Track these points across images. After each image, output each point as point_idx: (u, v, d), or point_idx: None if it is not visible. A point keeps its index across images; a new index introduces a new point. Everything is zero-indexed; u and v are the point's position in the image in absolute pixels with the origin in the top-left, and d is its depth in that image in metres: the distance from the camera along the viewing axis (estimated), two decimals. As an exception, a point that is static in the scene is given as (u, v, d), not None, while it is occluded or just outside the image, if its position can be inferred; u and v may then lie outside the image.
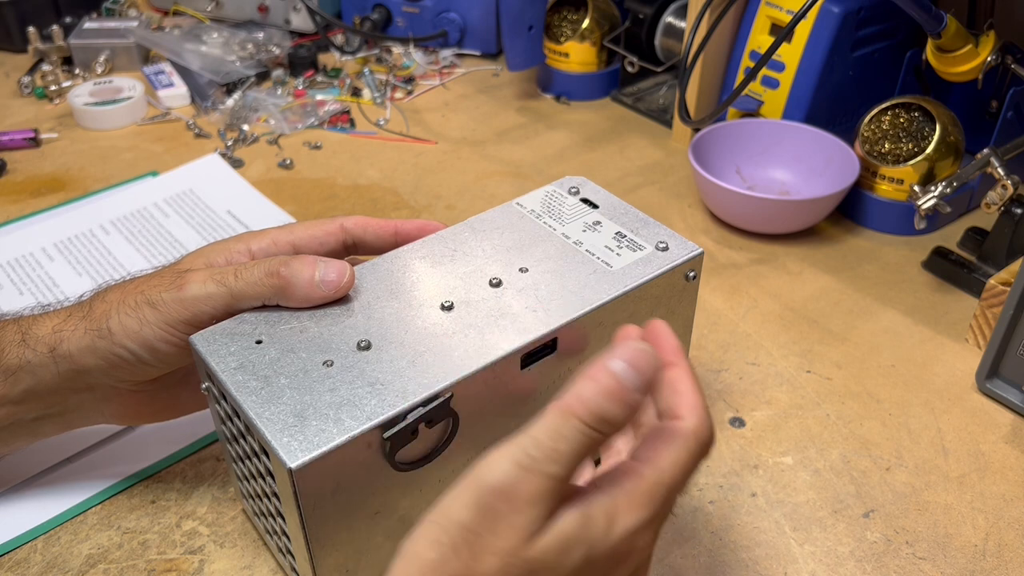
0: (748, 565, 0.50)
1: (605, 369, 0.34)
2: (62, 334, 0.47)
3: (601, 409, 0.34)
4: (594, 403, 0.34)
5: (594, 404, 0.34)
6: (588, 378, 0.34)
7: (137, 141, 0.91)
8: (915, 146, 0.75)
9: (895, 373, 0.63)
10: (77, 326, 0.47)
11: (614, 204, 0.54)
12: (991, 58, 0.71)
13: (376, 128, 0.94)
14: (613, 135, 0.93)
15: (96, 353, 0.46)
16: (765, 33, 0.81)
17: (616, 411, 0.34)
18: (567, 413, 0.34)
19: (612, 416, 0.34)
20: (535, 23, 0.93)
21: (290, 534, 0.43)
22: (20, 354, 0.47)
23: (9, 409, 0.48)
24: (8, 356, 0.47)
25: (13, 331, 0.48)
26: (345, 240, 0.51)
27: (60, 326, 0.47)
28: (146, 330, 0.46)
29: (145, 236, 0.76)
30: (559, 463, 0.33)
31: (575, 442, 0.34)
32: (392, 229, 0.52)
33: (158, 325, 0.45)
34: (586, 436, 0.34)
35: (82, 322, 0.47)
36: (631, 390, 0.34)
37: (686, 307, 0.53)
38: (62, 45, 1.02)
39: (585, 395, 0.34)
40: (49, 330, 0.47)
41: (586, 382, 0.34)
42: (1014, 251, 0.69)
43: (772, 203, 0.74)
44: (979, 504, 0.54)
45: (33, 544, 0.51)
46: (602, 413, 0.34)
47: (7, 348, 0.47)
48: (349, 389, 0.42)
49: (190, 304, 0.45)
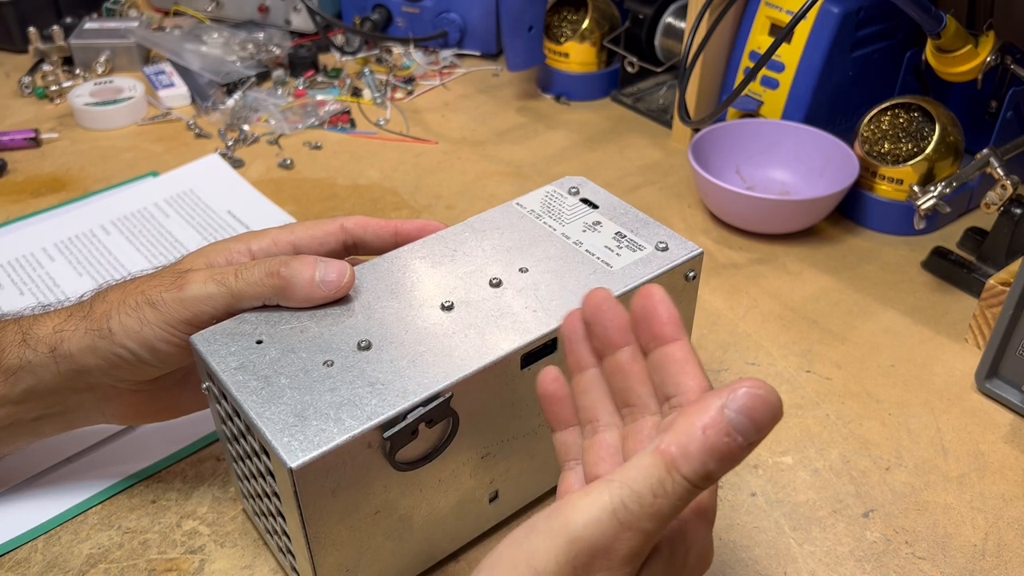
0: (748, 565, 0.50)
1: (718, 420, 0.30)
2: (63, 334, 0.47)
3: (707, 470, 0.30)
4: (700, 462, 0.30)
5: (700, 464, 0.30)
6: (697, 427, 0.30)
7: (137, 141, 0.91)
8: (915, 146, 0.75)
9: (895, 373, 0.63)
10: (78, 326, 0.47)
11: (614, 204, 0.54)
12: (990, 58, 0.71)
13: (376, 128, 0.94)
14: (613, 135, 0.93)
15: (96, 353, 0.46)
16: (765, 33, 0.81)
17: (724, 469, 0.31)
18: (671, 467, 0.31)
19: (719, 474, 0.31)
20: (535, 23, 0.93)
21: (290, 534, 0.43)
22: (21, 354, 0.47)
23: (9, 409, 0.48)
24: (8, 356, 0.47)
25: (14, 331, 0.48)
26: (345, 240, 0.51)
27: (61, 326, 0.47)
28: (147, 330, 0.46)
29: (145, 236, 0.76)
30: (657, 520, 0.31)
31: (676, 498, 0.31)
32: (392, 229, 0.52)
33: (159, 325, 0.46)
34: (689, 493, 0.31)
35: (83, 322, 0.47)
36: (744, 447, 0.30)
37: (686, 307, 0.53)
38: (63, 45, 1.02)
39: (692, 450, 0.30)
40: (50, 330, 0.47)
41: (695, 433, 0.30)
42: (1014, 251, 0.69)
43: (772, 203, 0.74)
44: (978, 504, 0.54)
45: (34, 544, 0.51)
46: (709, 473, 0.30)
47: (7, 348, 0.47)
48: (349, 389, 0.42)
49: (190, 304, 0.45)
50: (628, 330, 0.38)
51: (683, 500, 0.31)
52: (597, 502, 0.31)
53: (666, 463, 0.31)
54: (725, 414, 0.30)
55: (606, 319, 0.38)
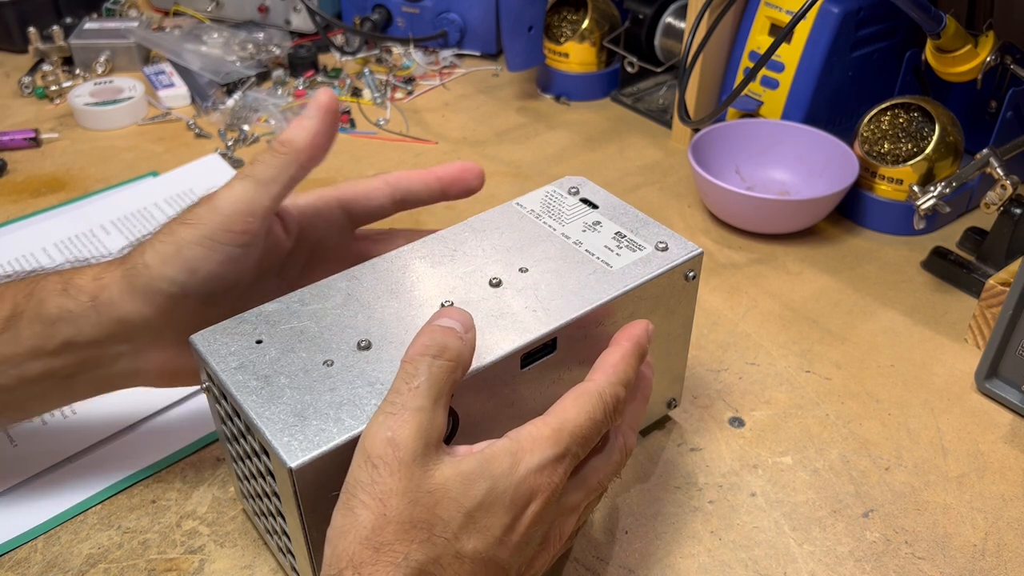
0: (748, 565, 0.50)
1: (433, 324, 0.40)
2: (102, 281, 0.46)
3: (436, 342, 0.39)
4: (429, 340, 0.39)
5: (429, 341, 0.39)
6: (419, 334, 0.40)
7: (137, 141, 0.91)
8: (914, 146, 0.75)
9: (894, 373, 0.63)
10: (114, 271, 0.47)
11: (614, 204, 0.54)
12: (990, 58, 0.71)
13: (376, 128, 0.94)
14: (613, 135, 0.93)
15: (136, 294, 0.46)
16: (765, 33, 0.81)
17: (452, 342, 0.39)
18: (411, 359, 0.39)
19: (450, 344, 0.39)
20: (535, 23, 0.93)
21: (290, 534, 0.43)
22: (61, 304, 0.46)
23: (45, 361, 0.47)
24: (48, 306, 0.46)
25: (55, 281, 0.47)
26: (392, 194, 0.53)
27: (100, 273, 0.47)
28: (185, 250, 0.45)
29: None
30: (420, 397, 0.38)
31: (426, 375, 0.38)
32: (434, 176, 0.54)
33: (196, 241, 0.45)
34: (434, 366, 0.38)
35: (119, 267, 0.47)
36: (456, 329, 0.40)
37: (686, 307, 0.53)
38: (63, 45, 1.02)
39: (418, 340, 0.39)
40: (90, 279, 0.47)
41: (418, 336, 0.40)
42: (1013, 251, 0.69)
43: (772, 203, 0.74)
44: (978, 504, 0.54)
45: (33, 544, 0.51)
46: (438, 344, 0.39)
47: (48, 298, 0.46)
48: (349, 389, 0.42)
49: (223, 206, 0.46)
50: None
51: (435, 376, 0.38)
52: (375, 415, 0.39)
53: (408, 360, 0.39)
54: (439, 320, 0.40)
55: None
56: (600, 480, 0.44)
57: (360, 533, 0.36)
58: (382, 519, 0.36)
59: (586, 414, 0.42)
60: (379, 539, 0.36)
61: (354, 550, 0.36)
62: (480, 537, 0.38)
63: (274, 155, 0.47)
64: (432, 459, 0.38)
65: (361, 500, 0.37)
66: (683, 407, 0.60)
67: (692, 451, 0.57)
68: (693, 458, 0.57)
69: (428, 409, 0.38)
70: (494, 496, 0.38)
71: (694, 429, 0.59)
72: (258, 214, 0.46)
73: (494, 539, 0.38)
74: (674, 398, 0.58)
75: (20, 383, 0.47)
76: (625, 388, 0.44)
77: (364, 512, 0.36)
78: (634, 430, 0.47)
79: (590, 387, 0.43)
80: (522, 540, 0.40)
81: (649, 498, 0.54)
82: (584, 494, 0.44)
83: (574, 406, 0.42)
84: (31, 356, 0.46)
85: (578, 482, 0.43)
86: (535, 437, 0.40)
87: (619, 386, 0.44)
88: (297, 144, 0.47)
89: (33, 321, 0.46)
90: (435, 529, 0.37)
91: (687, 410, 0.60)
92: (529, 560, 0.41)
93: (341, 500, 0.38)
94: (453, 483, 0.38)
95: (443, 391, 0.39)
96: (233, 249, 0.46)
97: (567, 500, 0.42)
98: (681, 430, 0.59)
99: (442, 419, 0.39)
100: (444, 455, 0.39)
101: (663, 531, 0.52)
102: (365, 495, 0.37)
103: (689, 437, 0.58)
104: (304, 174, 0.48)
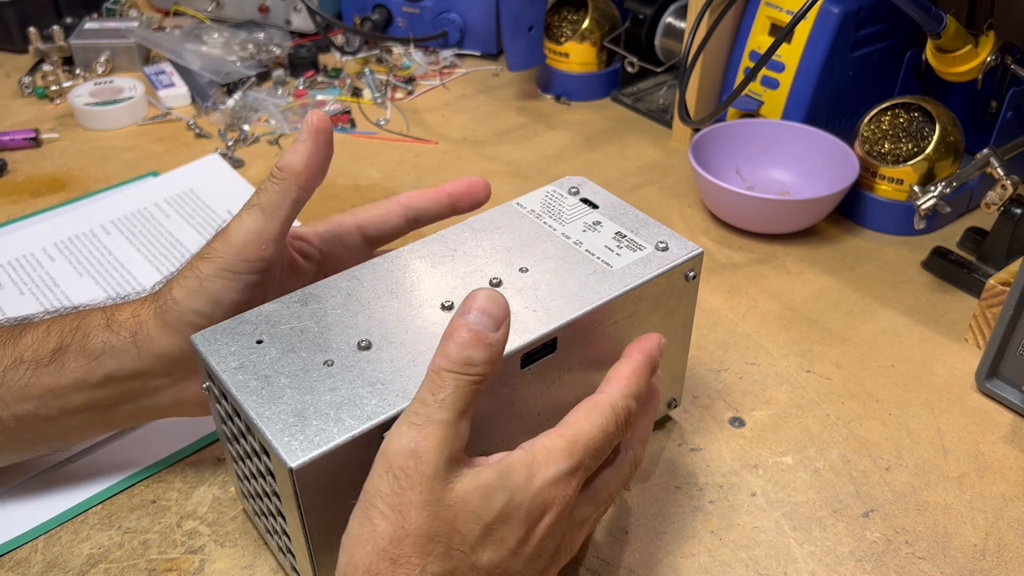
0: (748, 565, 0.50)
1: (463, 323, 0.38)
2: (139, 317, 0.48)
3: (464, 356, 0.38)
4: (456, 354, 0.38)
5: (456, 355, 0.38)
6: (448, 338, 0.38)
7: (138, 141, 0.91)
8: (915, 146, 0.75)
9: (895, 373, 0.63)
10: (149, 307, 0.48)
11: (614, 204, 0.54)
12: (991, 58, 0.71)
13: (376, 128, 0.94)
14: (613, 135, 0.93)
15: (170, 329, 0.47)
16: (765, 33, 0.81)
17: (479, 354, 0.38)
18: (439, 371, 0.38)
19: (478, 359, 0.38)
20: (535, 23, 0.93)
21: (291, 534, 0.43)
22: (105, 338, 0.48)
23: (88, 394, 0.49)
24: (93, 340, 0.48)
25: (99, 316, 0.49)
26: (406, 215, 0.54)
27: (137, 310, 0.49)
28: (208, 284, 0.47)
29: (146, 236, 0.76)
30: (446, 410, 0.38)
31: (453, 388, 0.38)
32: (444, 192, 0.55)
33: (215, 274, 0.47)
34: (462, 380, 0.38)
35: (152, 303, 0.48)
36: (487, 333, 0.38)
37: (686, 307, 0.53)
38: (63, 45, 1.02)
39: (447, 351, 0.38)
40: (128, 315, 0.48)
41: (448, 343, 0.38)
42: (1014, 251, 0.69)
43: (772, 203, 0.74)
44: (978, 504, 0.54)
45: (34, 544, 0.51)
46: (466, 359, 0.38)
47: (93, 332, 0.48)
48: (349, 389, 0.42)
49: (234, 239, 0.47)
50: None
51: (462, 389, 0.38)
52: (398, 423, 0.39)
53: (434, 370, 0.38)
54: (466, 316, 0.38)
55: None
56: (610, 493, 0.45)
57: (378, 544, 0.37)
58: (400, 531, 0.37)
59: (599, 427, 0.42)
60: (397, 551, 0.36)
61: (371, 560, 0.36)
62: (495, 549, 0.38)
63: (274, 182, 0.48)
64: (453, 472, 0.38)
65: (380, 510, 0.37)
66: (683, 407, 0.60)
67: (692, 451, 0.57)
68: (693, 458, 0.57)
69: (453, 423, 0.38)
70: (511, 508, 0.39)
71: (694, 429, 0.59)
72: (269, 241, 0.48)
73: (508, 551, 0.39)
74: (674, 398, 0.58)
75: (63, 414, 0.49)
76: (636, 401, 0.44)
77: (382, 523, 0.37)
78: (643, 443, 0.47)
79: (603, 399, 0.43)
80: (535, 552, 0.40)
81: (649, 498, 0.54)
82: (595, 507, 0.44)
83: (587, 418, 0.42)
84: (75, 388, 0.48)
85: (589, 495, 0.43)
86: (550, 449, 0.40)
87: (631, 399, 0.44)
88: (294, 168, 0.48)
89: (79, 355, 0.48)
90: (453, 542, 0.37)
91: (687, 410, 0.60)
92: (540, 572, 0.41)
93: (359, 508, 0.38)
94: (472, 496, 0.38)
95: (469, 404, 0.39)
96: (251, 276, 0.48)
97: (579, 513, 0.43)
98: (681, 430, 0.59)
99: (466, 432, 0.39)
100: (464, 467, 0.39)
101: (663, 531, 0.52)
102: (384, 505, 0.37)
103: (689, 437, 0.58)
104: (307, 195, 0.49)
